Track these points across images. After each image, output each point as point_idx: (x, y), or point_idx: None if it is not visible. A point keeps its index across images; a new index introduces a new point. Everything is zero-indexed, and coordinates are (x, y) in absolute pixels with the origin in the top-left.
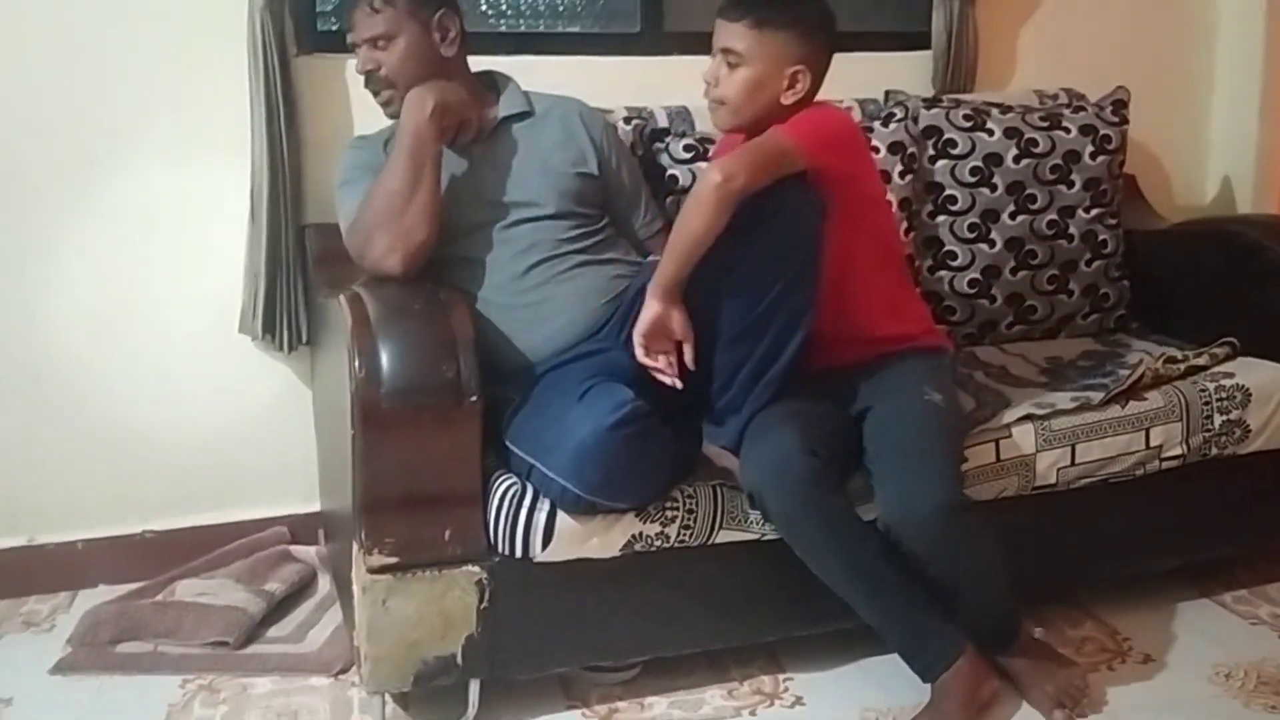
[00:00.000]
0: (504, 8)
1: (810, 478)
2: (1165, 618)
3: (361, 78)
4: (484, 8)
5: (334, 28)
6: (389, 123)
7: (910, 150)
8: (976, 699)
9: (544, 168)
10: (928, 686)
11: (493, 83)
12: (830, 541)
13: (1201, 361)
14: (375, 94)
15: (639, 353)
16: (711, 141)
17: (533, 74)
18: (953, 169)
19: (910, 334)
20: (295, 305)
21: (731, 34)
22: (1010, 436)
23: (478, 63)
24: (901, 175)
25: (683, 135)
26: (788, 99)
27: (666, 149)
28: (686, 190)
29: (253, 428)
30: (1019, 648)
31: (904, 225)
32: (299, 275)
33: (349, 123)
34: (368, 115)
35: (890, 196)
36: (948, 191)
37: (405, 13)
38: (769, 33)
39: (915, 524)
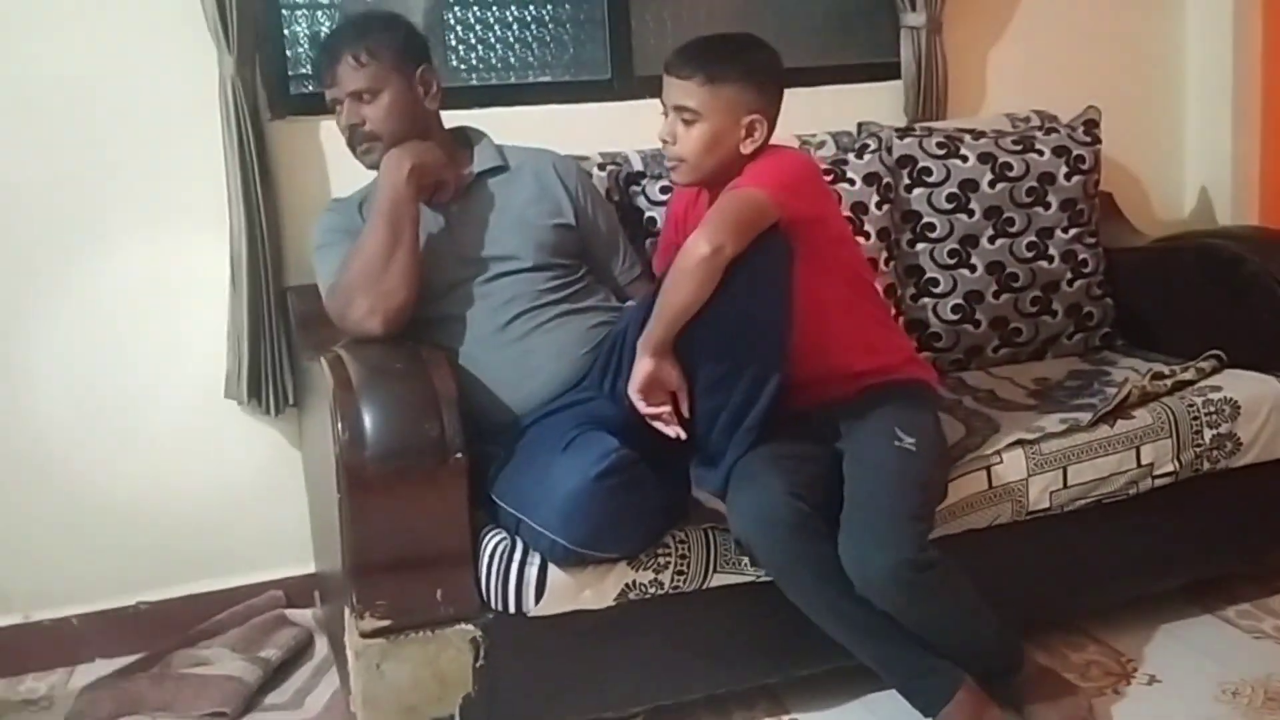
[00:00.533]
0: (475, 61)
1: (796, 524)
2: (1169, 637)
3: (338, 136)
4: (455, 62)
5: (307, 90)
6: (365, 183)
7: (886, 180)
8: None
9: (520, 221)
10: None
11: (466, 139)
12: (819, 586)
13: (1188, 376)
14: (355, 146)
15: (640, 405)
16: None
17: (507, 126)
18: (929, 196)
19: (890, 367)
20: (280, 368)
21: (684, 91)
22: (1001, 463)
23: (452, 118)
24: (879, 205)
25: (658, 177)
26: (747, 148)
27: (643, 191)
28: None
29: (244, 492)
30: (1023, 677)
31: (884, 255)
32: (283, 338)
33: (326, 184)
34: (344, 176)
35: (868, 227)
36: (926, 219)
37: (390, 66)
38: (722, 87)
39: (871, 585)
